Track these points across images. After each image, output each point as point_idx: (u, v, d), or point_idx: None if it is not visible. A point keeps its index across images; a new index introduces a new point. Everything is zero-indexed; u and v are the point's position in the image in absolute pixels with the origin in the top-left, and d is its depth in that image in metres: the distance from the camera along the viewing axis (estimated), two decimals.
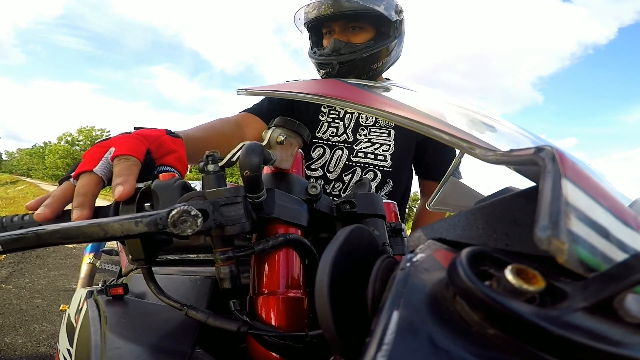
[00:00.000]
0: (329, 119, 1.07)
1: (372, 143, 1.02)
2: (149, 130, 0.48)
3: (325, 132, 1.05)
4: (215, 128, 0.87)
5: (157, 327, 0.42)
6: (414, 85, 0.56)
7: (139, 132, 0.46)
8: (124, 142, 0.44)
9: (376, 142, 1.03)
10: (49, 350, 2.29)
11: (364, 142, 1.03)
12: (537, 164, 0.20)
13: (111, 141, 0.44)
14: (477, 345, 0.15)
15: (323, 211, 0.43)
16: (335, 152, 1.04)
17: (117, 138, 0.45)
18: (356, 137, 1.03)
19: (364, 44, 0.97)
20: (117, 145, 0.43)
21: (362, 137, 1.03)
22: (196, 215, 0.30)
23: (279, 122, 0.42)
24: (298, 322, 0.37)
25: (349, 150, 1.02)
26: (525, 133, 0.39)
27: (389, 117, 0.34)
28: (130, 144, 0.44)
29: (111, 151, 0.43)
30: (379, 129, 1.04)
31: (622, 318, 0.15)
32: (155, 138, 0.47)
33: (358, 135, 1.03)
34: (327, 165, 1.03)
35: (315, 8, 0.98)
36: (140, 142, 0.45)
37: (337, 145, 1.04)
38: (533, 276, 0.16)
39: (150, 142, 0.46)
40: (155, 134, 0.47)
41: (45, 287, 3.71)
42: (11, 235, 0.31)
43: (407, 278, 0.18)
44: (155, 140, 0.46)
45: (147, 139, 0.46)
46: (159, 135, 0.47)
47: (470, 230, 0.23)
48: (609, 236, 0.18)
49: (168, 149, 0.47)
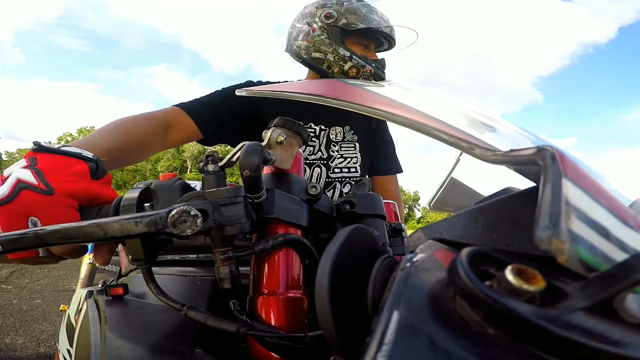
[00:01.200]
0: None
1: (344, 158, 1.08)
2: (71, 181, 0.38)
3: (304, 151, 1.05)
4: (137, 127, 0.77)
5: (157, 328, 0.42)
6: (413, 85, 0.56)
7: (62, 191, 0.37)
8: (51, 216, 0.36)
9: (347, 156, 1.08)
10: (49, 350, 2.29)
11: (338, 158, 1.07)
12: (538, 164, 0.20)
13: (30, 206, 0.36)
14: (477, 345, 0.15)
15: (323, 211, 0.43)
16: (314, 170, 1.05)
17: (37, 204, 0.36)
18: (330, 154, 1.07)
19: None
20: (44, 219, 0.36)
21: (335, 154, 1.07)
22: (196, 216, 0.30)
23: (278, 122, 0.42)
24: (298, 322, 0.37)
25: (326, 167, 1.06)
26: (525, 133, 0.39)
27: (389, 117, 0.34)
28: (60, 217, 0.36)
29: (35, 222, 0.36)
30: (347, 144, 1.09)
31: (622, 318, 0.15)
32: (84, 194, 0.39)
33: (331, 152, 1.07)
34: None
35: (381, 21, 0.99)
36: (68, 207, 0.38)
37: (314, 163, 1.05)
38: (533, 276, 0.16)
39: (79, 200, 0.39)
40: (83, 187, 0.39)
41: (45, 288, 3.71)
42: (11, 236, 0.31)
43: (407, 278, 0.18)
44: (83, 197, 0.39)
45: (75, 197, 0.38)
46: (87, 190, 0.39)
47: (470, 230, 0.23)
48: (609, 236, 0.18)
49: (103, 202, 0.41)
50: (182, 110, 0.90)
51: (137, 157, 0.77)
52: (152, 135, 0.80)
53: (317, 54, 1.00)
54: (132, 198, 0.35)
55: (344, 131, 1.08)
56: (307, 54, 1.01)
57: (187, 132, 0.90)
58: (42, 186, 0.36)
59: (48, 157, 0.39)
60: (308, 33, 1.00)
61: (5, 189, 0.36)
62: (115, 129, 0.72)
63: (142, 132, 0.77)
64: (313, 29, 1.00)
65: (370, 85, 0.51)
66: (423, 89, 0.53)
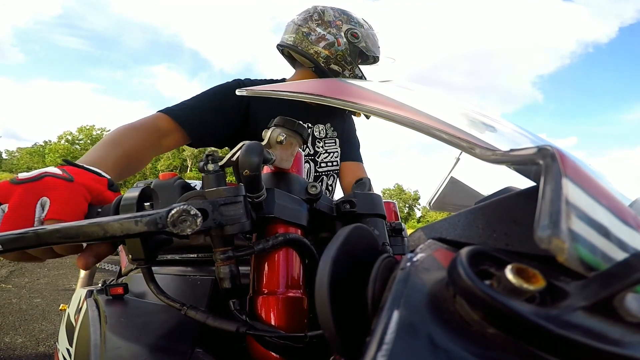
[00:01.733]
0: None
1: (328, 153, 1.15)
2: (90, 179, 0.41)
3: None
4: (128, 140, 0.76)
5: (157, 327, 0.42)
6: (413, 85, 0.56)
7: (82, 182, 0.40)
8: (63, 199, 0.37)
9: (330, 151, 1.16)
10: (49, 349, 2.29)
11: (323, 154, 1.14)
12: (538, 163, 0.20)
13: (47, 186, 0.37)
14: (477, 344, 0.15)
15: (323, 211, 0.43)
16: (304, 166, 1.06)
17: (56, 186, 0.38)
18: (316, 150, 1.12)
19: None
20: (55, 200, 0.37)
21: (321, 149, 1.13)
22: (195, 215, 0.30)
23: (278, 121, 0.42)
24: (298, 322, 0.37)
25: (313, 162, 1.11)
26: (525, 133, 0.39)
27: (389, 116, 0.34)
28: (69, 203, 0.37)
29: (44, 203, 0.37)
30: (329, 139, 1.15)
31: (622, 317, 0.15)
32: (98, 193, 0.41)
33: (317, 148, 1.12)
34: None
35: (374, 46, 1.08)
36: (81, 195, 0.39)
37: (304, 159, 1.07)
38: (533, 275, 0.16)
39: (93, 196, 0.41)
40: (100, 187, 0.42)
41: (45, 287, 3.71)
42: (11, 235, 0.31)
43: (407, 278, 0.18)
44: (97, 195, 0.41)
45: (90, 192, 0.40)
46: (102, 191, 0.42)
47: (470, 230, 0.23)
48: (609, 235, 0.18)
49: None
50: (168, 116, 0.89)
51: (136, 167, 0.78)
52: (144, 145, 0.80)
53: (336, 66, 1.03)
54: (132, 197, 0.35)
55: (326, 128, 1.15)
56: (325, 64, 1.03)
57: (178, 138, 0.90)
58: (65, 175, 0.40)
59: (74, 169, 0.43)
60: (332, 44, 1.03)
61: (32, 173, 0.39)
62: (109, 145, 0.72)
63: (135, 144, 0.77)
64: (339, 42, 1.03)
65: (370, 85, 0.51)
66: (423, 88, 0.53)
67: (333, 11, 1.07)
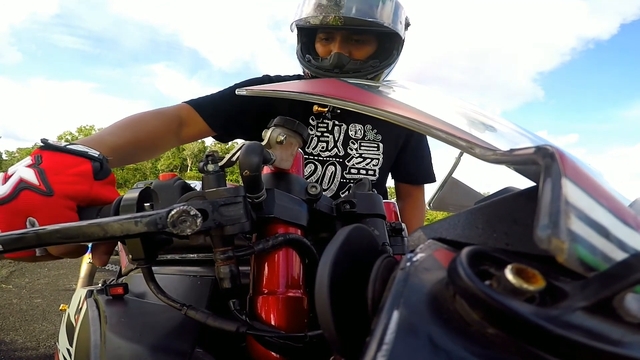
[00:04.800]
0: (318, 132, 0.98)
1: (363, 158, 1.00)
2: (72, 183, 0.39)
3: (316, 147, 0.98)
4: (148, 123, 0.76)
5: (157, 327, 0.42)
6: (413, 85, 0.56)
7: (62, 192, 0.38)
8: (48, 217, 0.36)
9: (367, 156, 1.00)
10: (49, 350, 2.29)
11: (356, 157, 0.99)
12: (537, 163, 0.20)
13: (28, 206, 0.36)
14: (477, 344, 0.15)
15: (323, 211, 0.43)
16: (328, 168, 0.98)
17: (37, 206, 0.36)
18: (347, 152, 0.99)
19: (369, 62, 0.91)
20: (40, 219, 0.36)
21: (354, 152, 0.99)
22: (195, 215, 0.30)
23: (278, 121, 0.42)
24: (298, 322, 0.37)
25: (341, 166, 0.98)
26: (524, 132, 0.39)
27: (389, 117, 0.34)
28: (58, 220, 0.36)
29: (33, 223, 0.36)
30: (368, 142, 1.00)
31: (622, 317, 0.15)
32: (84, 196, 0.39)
33: (349, 150, 0.99)
34: (320, 182, 0.97)
35: (320, 12, 0.85)
36: (67, 209, 0.38)
37: (328, 160, 0.98)
38: (533, 275, 0.16)
39: (79, 202, 0.39)
40: (84, 189, 0.39)
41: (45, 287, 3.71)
42: (11, 235, 0.31)
43: (407, 278, 0.18)
44: (83, 199, 0.40)
45: (74, 199, 0.39)
46: (87, 191, 0.40)
47: (470, 230, 0.23)
48: (609, 235, 0.18)
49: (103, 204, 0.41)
50: (192, 107, 0.89)
51: (148, 153, 0.77)
52: (163, 131, 0.80)
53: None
54: (132, 198, 0.35)
55: (365, 129, 1.00)
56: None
57: (199, 129, 0.90)
58: (43, 187, 0.37)
59: (53, 155, 0.40)
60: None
61: (7, 188, 0.36)
62: (124, 126, 0.72)
63: (152, 129, 0.77)
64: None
65: (370, 85, 0.51)
66: (422, 87, 0.53)
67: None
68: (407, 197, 1.14)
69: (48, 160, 0.39)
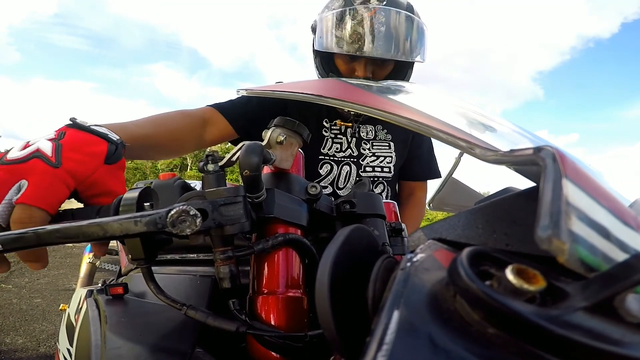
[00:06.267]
0: (332, 134, 1.03)
1: (377, 157, 1.04)
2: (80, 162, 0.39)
3: (331, 149, 1.03)
4: (173, 121, 0.79)
5: (157, 327, 0.42)
6: (413, 85, 0.56)
7: (69, 167, 0.38)
8: (40, 184, 0.36)
9: (380, 155, 1.05)
10: (49, 350, 2.29)
11: (370, 157, 1.04)
12: (538, 164, 0.20)
13: (31, 170, 0.37)
14: (478, 344, 0.15)
15: (323, 211, 0.43)
16: (343, 168, 1.02)
17: (39, 170, 0.37)
18: (361, 152, 1.04)
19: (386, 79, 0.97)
20: (32, 185, 0.36)
21: (367, 152, 1.04)
22: (195, 215, 0.30)
23: (278, 122, 0.42)
24: (298, 321, 0.37)
25: (356, 165, 1.03)
26: (524, 132, 0.39)
27: (389, 117, 0.34)
28: (47, 190, 0.36)
29: (21, 186, 0.36)
30: (379, 142, 1.05)
31: (623, 318, 0.15)
32: (87, 176, 0.40)
33: (362, 150, 1.04)
34: (336, 181, 1.02)
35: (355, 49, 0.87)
36: (64, 183, 0.38)
37: (343, 160, 1.02)
38: (533, 276, 0.16)
39: (78, 182, 0.39)
40: (88, 170, 0.40)
41: (45, 287, 3.71)
42: (11, 235, 0.31)
43: (407, 278, 0.18)
44: (86, 178, 0.40)
45: (75, 178, 0.39)
46: (93, 170, 0.40)
47: (471, 230, 0.23)
48: (610, 236, 0.18)
49: (102, 190, 0.41)
50: (216, 109, 0.93)
51: (170, 151, 0.79)
52: (186, 130, 0.82)
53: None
54: (132, 198, 0.35)
55: (376, 130, 1.06)
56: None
57: (222, 131, 0.94)
58: (53, 159, 0.38)
59: (76, 133, 0.42)
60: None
61: (23, 153, 0.38)
62: (149, 120, 0.74)
63: (176, 127, 0.79)
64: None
65: (370, 85, 0.51)
66: (422, 88, 0.53)
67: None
68: (408, 196, 1.16)
69: (69, 137, 0.41)
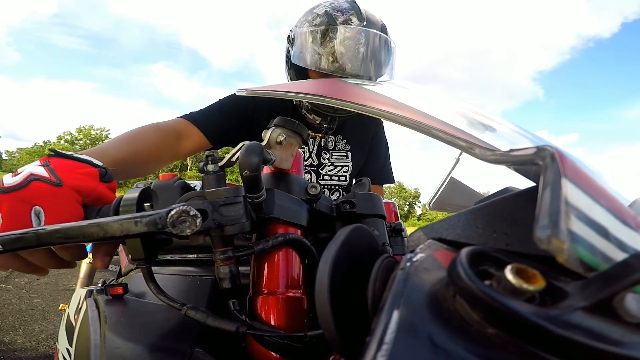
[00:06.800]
0: None
1: (334, 166, 1.10)
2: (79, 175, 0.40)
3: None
4: (148, 137, 0.79)
5: (157, 327, 0.42)
6: (413, 85, 0.56)
7: (71, 184, 0.39)
8: (54, 207, 0.37)
9: (338, 164, 1.10)
10: (49, 349, 2.29)
11: (329, 166, 1.09)
12: (537, 163, 0.20)
13: (37, 194, 0.37)
14: (477, 344, 0.15)
15: (323, 211, 0.43)
16: (304, 176, 1.05)
17: (46, 193, 0.37)
18: (320, 161, 1.08)
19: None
20: (49, 210, 0.37)
21: (326, 161, 1.09)
22: (195, 215, 0.30)
23: (278, 122, 0.42)
24: (298, 321, 0.37)
25: (315, 174, 1.08)
26: (524, 132, 0.39)
27: (388, 116, 0.34)
28: (66, 211, 0.37)
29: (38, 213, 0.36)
30: (338, 152, 1.10)
31: (622, 317, 0.15)
32: (90, 191, 0.40)
33: (322, 159, 1.08)
34: None
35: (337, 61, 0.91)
36: (73, 200, 0.38)
37: (305, 169, 1.05)
38: (533, 276, 0.16)
39: (84, 197, 0.40)
40: (91, 185, 0.40)
41: (44, 287, 3.71)
42: (11, 235, 0.31)
43: (407, 278, 0.18)
44: (89, 194, 0.40)
45: (80, 193, 0.39)
46: (94, 188, 0.41)
47: (470, 230, 0.23)
48: (609, 236, 0.18)
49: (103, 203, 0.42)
50: (188, 121, 0.92)
51: (148, 167, 0.78)
52: (162, 145, 0.82)
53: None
54: (132, 198, 0.35)
55: (335, 139, 1.10)
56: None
57: (197, 143, 0.93)
58: (53, 178, 0.38)
59: (61, 160, 0.42)
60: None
61: (18, 179, 0.37)
62: (125, 140, 0.74)
63: (152, 143, 0.79)
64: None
65: (370, 85, 0.51)
66: (422, 88, 0.53)
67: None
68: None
69: (57, 163, 0.41)
